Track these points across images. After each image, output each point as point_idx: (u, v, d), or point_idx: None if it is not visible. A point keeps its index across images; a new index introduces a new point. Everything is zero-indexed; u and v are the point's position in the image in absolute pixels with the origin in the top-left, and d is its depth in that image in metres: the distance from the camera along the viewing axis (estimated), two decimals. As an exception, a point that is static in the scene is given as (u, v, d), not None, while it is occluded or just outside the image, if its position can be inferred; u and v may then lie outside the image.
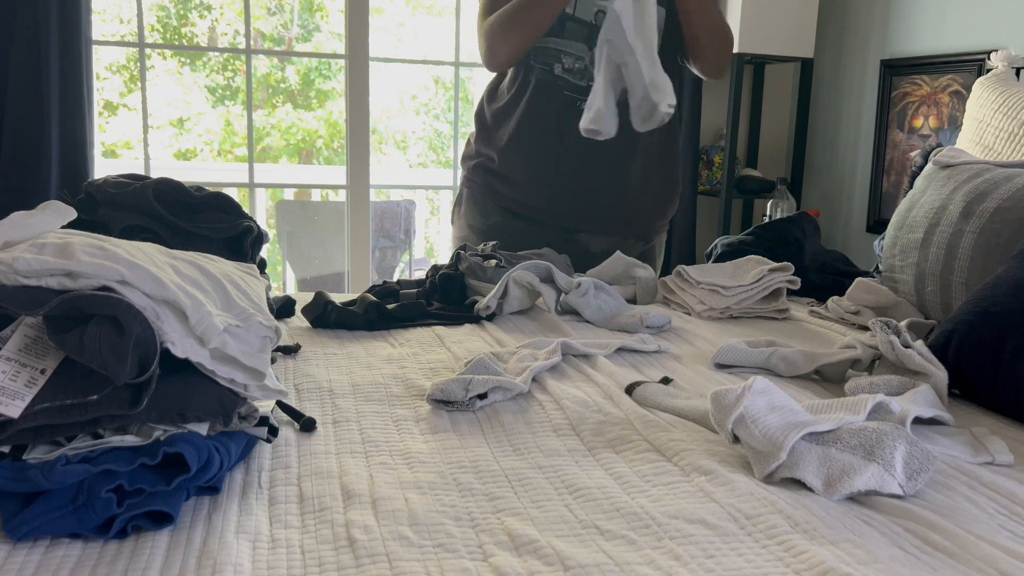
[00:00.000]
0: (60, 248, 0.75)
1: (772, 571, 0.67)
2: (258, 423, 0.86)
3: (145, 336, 0.72)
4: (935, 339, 1.17)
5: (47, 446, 0.71)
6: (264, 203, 4.85)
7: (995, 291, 1.14)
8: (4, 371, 0.70)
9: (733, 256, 1.78)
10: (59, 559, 0.66)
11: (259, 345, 0.84)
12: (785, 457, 0.82)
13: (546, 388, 1.09)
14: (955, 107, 2.81)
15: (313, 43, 7.06)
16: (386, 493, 0.78)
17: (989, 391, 1.09)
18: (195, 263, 0.87)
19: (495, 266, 1.58)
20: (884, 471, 0.80)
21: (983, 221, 1.38)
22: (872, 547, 0.70)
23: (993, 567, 0.68)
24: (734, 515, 0.75)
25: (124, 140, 6.29)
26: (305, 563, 0.67)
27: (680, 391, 1.09)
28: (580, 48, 1.78)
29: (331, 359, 1.24)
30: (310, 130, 7.11)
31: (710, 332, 1.45)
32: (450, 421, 0.99)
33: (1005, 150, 1.81)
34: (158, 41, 6.34)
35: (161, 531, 0.71)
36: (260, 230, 1.27)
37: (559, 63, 1.79)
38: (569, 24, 1.77)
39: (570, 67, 1.78)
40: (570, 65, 1.78)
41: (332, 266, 4.28)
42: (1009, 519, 0.78)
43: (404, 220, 4.48)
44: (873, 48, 3.18)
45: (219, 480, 0.77)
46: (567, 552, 0.68)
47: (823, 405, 0.92)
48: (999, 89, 1.93)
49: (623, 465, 0.87)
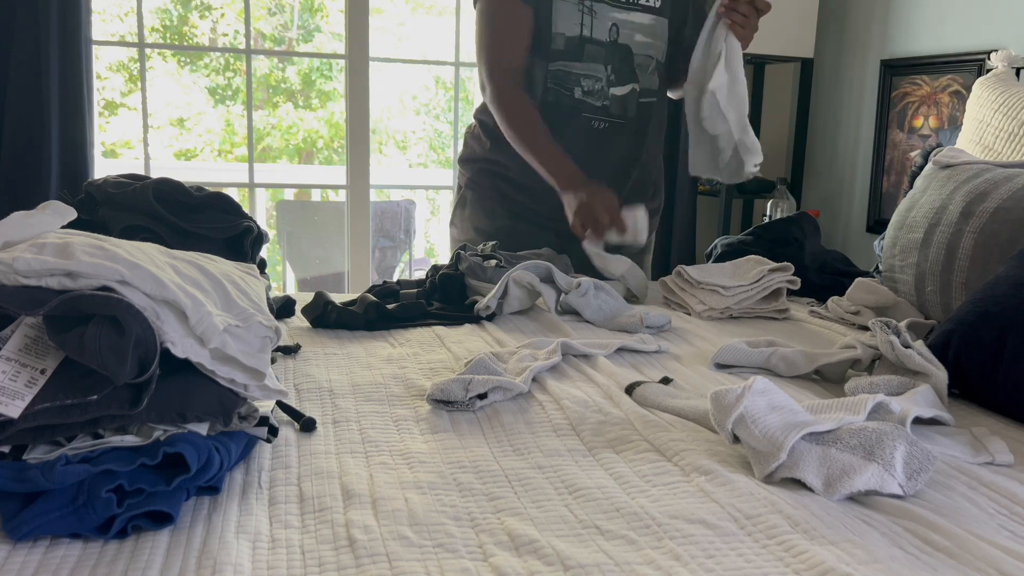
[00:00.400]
0: (60, 248, 0.75)
1: (772, 571, 0.67)
2: (258, 423, 0.86)
3: (145, 336, 0.72)
4: (935, 339, 1.17)
5: (47, 446, 0.71)
6: (264, 203, 4.85)
7: (995, 291, 1.14)
8: (4, 371, 0.70)
9: (733, 256, 1.78)
10: (59, 559, 0.66)
11: (259, 345, 0.84)
12: (785, 457, 0.82)
13: (546, 388, 1.09)
14: (955, 107, 2.81)
15: (314, 43, 7.06)
16: (386, 493, 0.78)
17: (989, 391, 1.09)
18: (195, 263, 0.87)
19: (495, 266, 1.58)
20: (884, 471, 0.80)
21: (983, 221, 1.38)
22: (872, 547, 0.70)
23: (993, 567, 0.68)
24: (734, 515, 0.75)
25: (124, 140, 6.29)
26: (305, 563, 0.67)
27: (680, 391, 1.09)
28: (598, 69, 1.79)
29: (331, 359, 1.24)
30: (311, 130, 7.11)
31: (710, 332, 1.45)
32: (450, 421, 0.99)
33: (1005, 150, 1.81)
34: (159, 41, 6.34)
35: (161, 531, 0.71)
36: (260, 230, 1.27)
37: (579, 87, 1.79)
38: (588, 47, 1.77)
39: (589, 89, 1.79)
40: (589, 88, 1.79)
41: (332, 266, 4.28)
42: (1009, 519, 0.78)
43: (404, 220, 4.48)
44: (873, 48, 3.18)
45: (219, 480, 0.77)
46: (567, 552, 0.68)
47: (823, 405, 0.92)
48: (999, 89, 1.93)
49: (623, 465, 0.87)
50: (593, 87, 1.79)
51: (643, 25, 1.80)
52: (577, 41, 1.76)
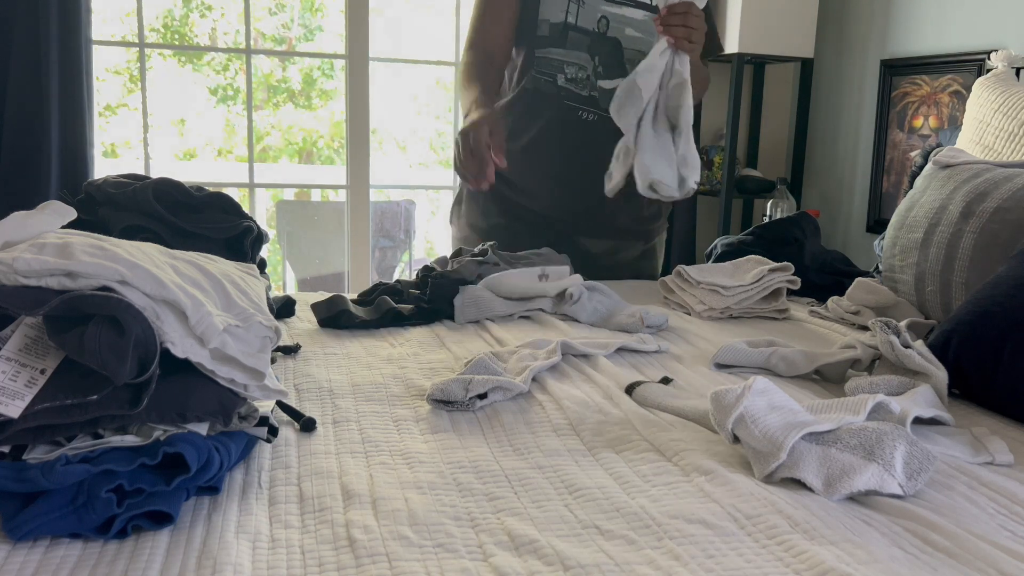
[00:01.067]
0: (60, 248, 0.75)
1: (772, 571, 0.67)
2: (258, 423, 0.86)
3: (145, 336, 0.72)
4: (935, 339, 1.17)
5: (47, 446, 0.71)
6: (264, 203, 4.85)
7: (995, 291, 1.14)
8: (4, 371, 0.70)
9: (733, 256, 1.78)
10: (59, 559, 0.66)
11: (259, 345, 0.84)
12: (785, 457, 0.82)
13: (546, 388, 1.09)
14: (955, 107, 2.81)
15: (316, 43, 7.06)
16: (386, 493, 0.78)
17: (989, 391, 1.09)
18: (195, 263, 0.87)
19: (476, 262, 1.58)
20: (884, 471, 0.80)
21: (983, 221, 1.38)
22: (872, 547, 0.70)
23: (993, 567, 0.68)
24: (734, 515, 0.75)
25: (124, 140, 6.29)
26: (305, 563, 0.67)
27: (680, 391, 1.09)
28: (583, 57, 1.78)
29: (331, 359, 1.24)
30: (311, 129, 7.11)
31: (710, 332, 1.45)
32: (450, 421, 0.99)
33: (1005, 150, 1.81)
34: (160, 41, 6.34)
35: (161, 531, 0.71)
36: (260, 230, 1.27)
37: (562, 73, 1.79)
38: (572, 34, 1.76)
39: (573, 76, 1.78)
40: (573, 75, 1.78)
41: (332, 266, 4.28)
42: (1009, 519, 0.78)
43: (404, 220, 4.47)
44: (873, 48, 3.18)
45: (219, 480, 0.77)
46: (567, 552, 0.68)
47: (823, 405, 0.92)
48: (999, 89, 1.93)
49: (623, 465, 0.87)
50: (577, 75, 1.78)
51: (635, 20, 1.79)
52: (561, 28, 1.76)
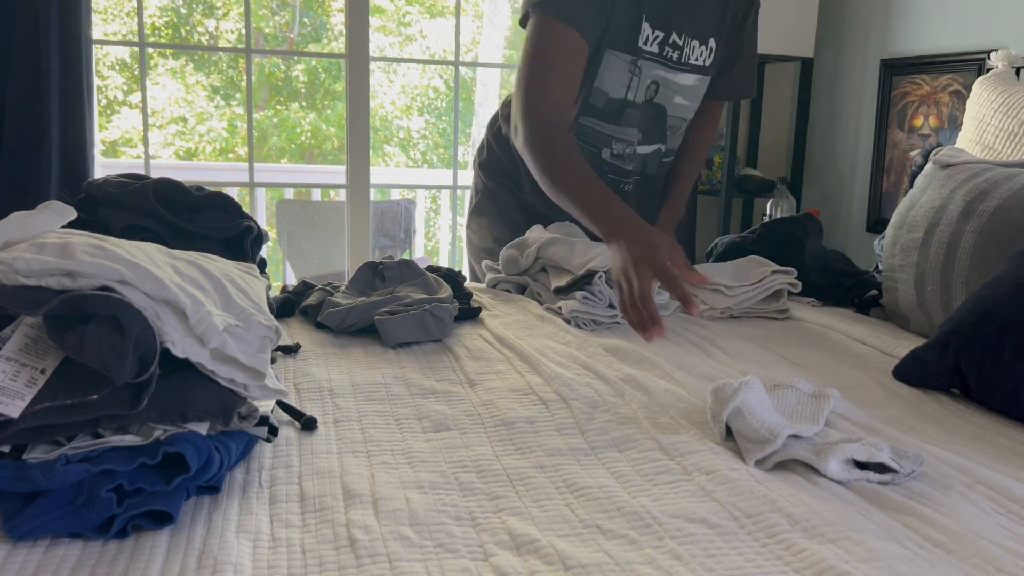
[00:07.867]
0: (60, 248, 0.75)
1: (772, 570, 0.67)
2: (258, 423, 0.86)
3: (145, 336, 0.72)
4: (935, 339, 1.17)
5: (47, 446, 0.71)
6: (264, 203, 4.85)
7: (995, 291, 1.14)
8: (4, 371, 0.70)
9: (734, 255, 1.77)
10: (59, 559, 0.66)
11: (259, 345, 0.84)
12: (780, 444, 0.87)
13: (550, 385, 1.09)
14: (955, 107, 2.81)
15: (322, 43, 7.06)
16: (387, 493, 0.78)
17: (989, 391, 1.09)
18: (195, 263, 0.87)
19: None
20: (873, 447, 0.85)
21: (983, 221, 1.38)
22: (871, 544, 0.70)
23: (991, 563, 0.68)
24: (734, 514, 0.75)
25: (126, 138, 6.28)
26: (306, 563, 0.67)
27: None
28: (632, 133, 1.68)
29: (331, 359, 1.24)
30: (315, 129, 7.10)
31: (710, 331, 1.45)
32: (452, 420, 0.99)
33: (1005, 149, 1.81)
34: (163, 40, 6.34)
35: (161, 531, 0.71)
36: (260, 230, 1.27)
37: (608, 148, 1.69)
38: (628, 111, 1.65)
39: (619, 152, 1.69)
40: (619, 151, 1.68)
41: (332, 266, 4.28)
42: (1007, 517, 0.78)
43: (404, 220, 4.47)
44: (873, 47, 3.18)
45: (219, 480, 0.77)
46: (568, 551, 0.68)
47: (791, 414, 0.99)
48: (999, 89, 1.93)
49: (624, 464, 0.87)
50: (623, 151, 1.69)
51: (685, 87, 1.68)
52: (619, 104, 1.63)
